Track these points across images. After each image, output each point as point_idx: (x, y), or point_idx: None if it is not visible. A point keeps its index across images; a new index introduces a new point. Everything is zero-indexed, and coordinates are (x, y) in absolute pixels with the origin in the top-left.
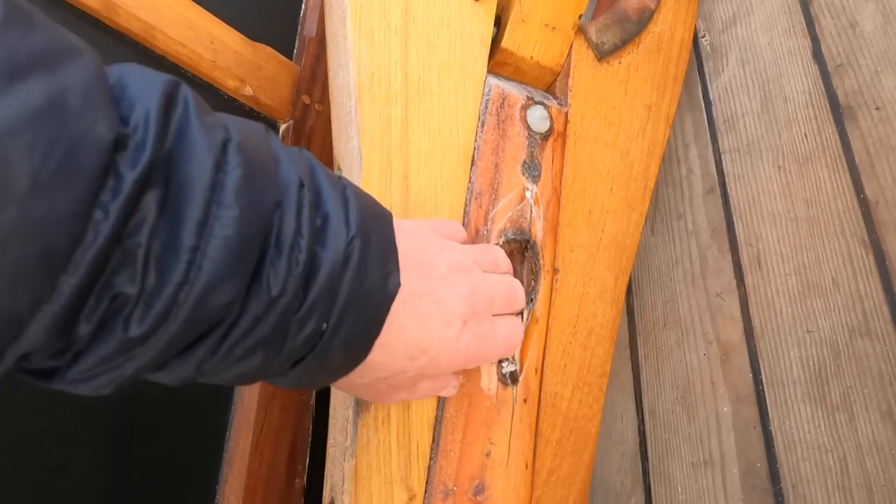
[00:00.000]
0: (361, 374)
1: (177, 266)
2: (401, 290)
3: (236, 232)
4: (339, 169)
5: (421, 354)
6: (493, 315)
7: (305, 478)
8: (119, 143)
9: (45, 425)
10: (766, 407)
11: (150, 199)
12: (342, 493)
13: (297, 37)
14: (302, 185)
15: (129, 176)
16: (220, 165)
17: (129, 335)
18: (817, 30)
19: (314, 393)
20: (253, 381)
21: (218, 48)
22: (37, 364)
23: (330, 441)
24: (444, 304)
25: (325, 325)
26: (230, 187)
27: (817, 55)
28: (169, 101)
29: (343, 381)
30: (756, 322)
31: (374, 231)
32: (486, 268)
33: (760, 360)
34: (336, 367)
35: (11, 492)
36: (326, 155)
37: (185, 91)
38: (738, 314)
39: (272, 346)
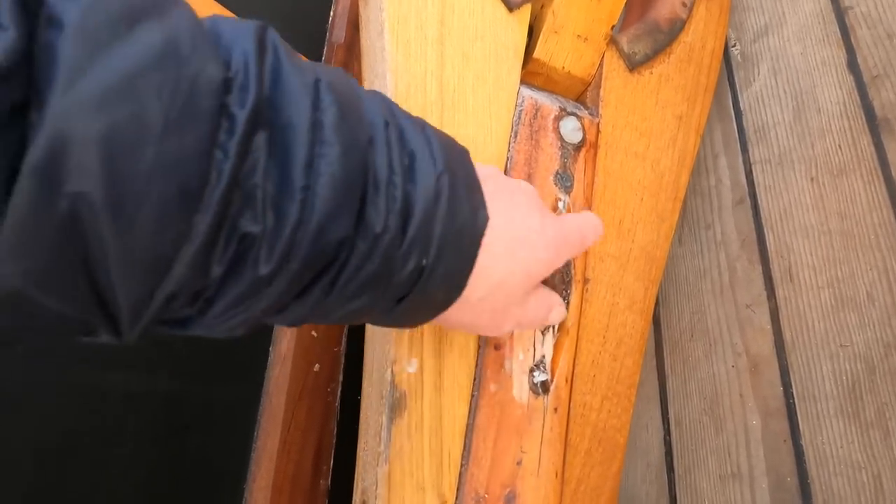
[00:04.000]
0: (475, 287)
1: (292, 205)
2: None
3: (340, 168)
4: None
5: (518, 246)
6: None
7: (330, 478)
8: (225, 86)
9: (87, 422)
10: (798, 421)
11: (261, 141)
12: (375, 498)
13: (326, 43)
14: (387, 124)
15: (241, 115)
16: (316, 105)
17: (258, 274)
18: (853, 40)
19: (339, 395)
20: (361, 320)
21: None
22: (174, 313)
23: (361, 445)
24: (516, 198)
25: (424, 261)
26: (329, 125)
27: (853, 66)
28: (261, 46)
29: (458, 306)
30: (787, 335)
31: (459, 166)
32: None
33: (791, 374)
34: (436, 302)
35: (58, 487)
36: None
37: (274, 35)
38: (769, 326)
39: (379, 282)
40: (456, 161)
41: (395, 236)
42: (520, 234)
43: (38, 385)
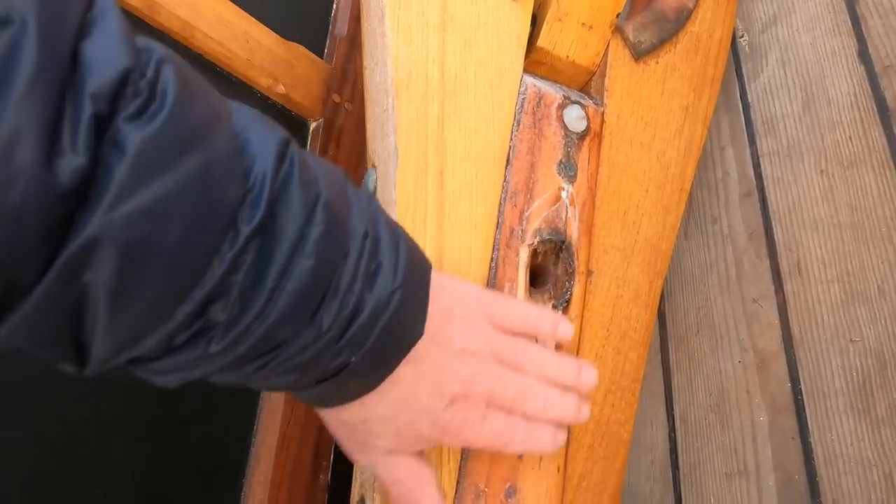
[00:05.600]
0: (350, 407)
1: (258, 302)
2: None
3: (310, 278)
4: (374, 167)
5: (404, 410)
6: (490, 408)
7: (329, 474)
8: (241, 201)
9: (86, 414)
10: (806, 418)
11: (253, 246)
12: (373, 492)
13: (328, 36)
14: (367, 236)
15: (245, 231)
16: (308, 221)
17: (208, 351)
18: (864, 30)
19: None
20: (282, 390)
21: (253, 47)
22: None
23: None
24: (442, 377)
25: (353, 358)
26: (312, 240)
27: (864, 56)
28: (280, 159)
29: (334, 411)
30: (795, 330)
31: (416, 283)
32: (506, 362)
33: (800, 369)
34: (348, 393)
35: (54, 476)
36: (356, 153)
37: (294, 149)
38: (777, 321)
39: (307, 368)
40: (415, 277)
41: (336, 336)
42: (413, 403)
43: (36, 377)
